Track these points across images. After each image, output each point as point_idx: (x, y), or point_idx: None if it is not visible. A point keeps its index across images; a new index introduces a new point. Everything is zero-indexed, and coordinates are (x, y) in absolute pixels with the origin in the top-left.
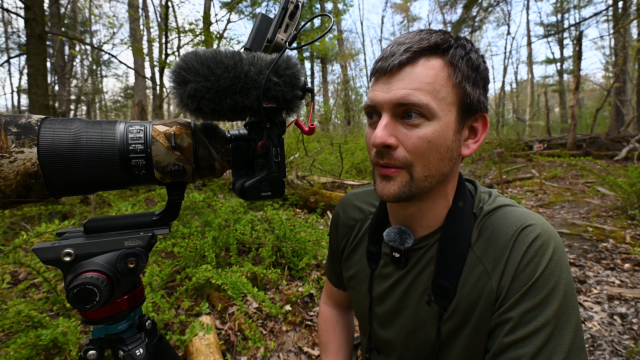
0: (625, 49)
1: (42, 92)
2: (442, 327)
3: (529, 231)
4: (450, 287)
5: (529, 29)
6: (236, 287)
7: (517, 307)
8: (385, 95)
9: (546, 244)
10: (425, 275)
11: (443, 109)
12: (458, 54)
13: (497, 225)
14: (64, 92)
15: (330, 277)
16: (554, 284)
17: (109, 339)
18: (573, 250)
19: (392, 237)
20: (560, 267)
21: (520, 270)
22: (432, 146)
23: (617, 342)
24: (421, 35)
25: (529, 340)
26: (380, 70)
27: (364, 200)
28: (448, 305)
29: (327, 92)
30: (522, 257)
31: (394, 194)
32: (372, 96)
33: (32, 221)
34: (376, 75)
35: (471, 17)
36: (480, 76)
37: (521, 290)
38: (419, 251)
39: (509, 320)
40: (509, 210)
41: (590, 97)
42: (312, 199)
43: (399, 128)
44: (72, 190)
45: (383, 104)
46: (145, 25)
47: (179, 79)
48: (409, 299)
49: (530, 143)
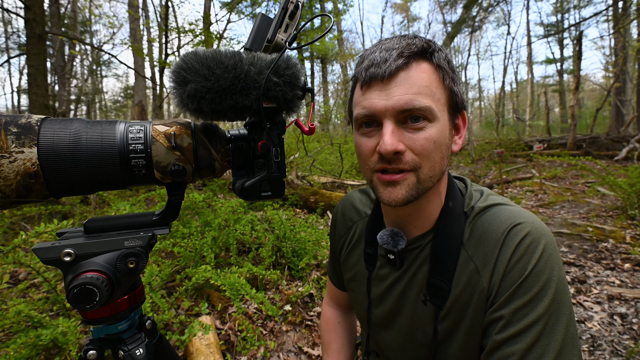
0: (625, 49)
1: (42, 92)
2: (438, 326)
3: (518, 229)
4: (444, 286)
5: (529, 29)
6: (234, 288)
7: (508, 305)
8: (387, 103)
9: (536, 241)
10: (421, 275)
11: (440, 110)
12: (441, 56)
13: (488, 224)
14: (64, 92)
15: (332, 278)
16: (545, 281)
17: (109, 339)
18: (573, 250)
19: (385, 240)
20: (551, 264)
21: (510, 268)
22: (437, 146)
23: (617, 342)
24: (407, 40)
25: (520, 337)
26: (375, 77)
27: (361, 201)
28: (443, 305)
29: (327, 92)
30: (511, 255)
31: (402, 198)
32: (369, 105)
33: (32, 221)
34: (369, 83)
35: (471, 17)
36: (457, 75)
37: (512, 288)
38: (414, 252)
39: (500, 318)
40: (500, 209)
41: (590, 97)
42: (312, 199)
43: (404, 133)
44: (72, 190)
45: (385, 112)
46: (145, 25)
47: (179, 79)
48: (407, 299)
49: (530, 143)
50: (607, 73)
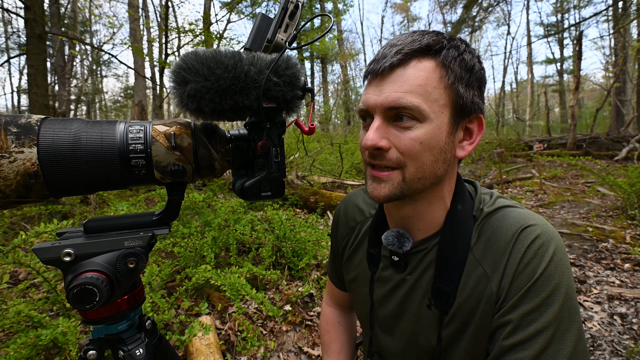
0: (625, 49)
1: (42, 92)
2: (442, 331)
3: (528, 232)
4: (450, 291)
5: (529, 29)
6: (234, 288)
7: (516, 310)
8: (377, 99)
9: (546, 244)
10: (425, 279)
11: (435, 111)
12: (451, 55)
13: (497, 226)
14: (64, 92)
15: (332, 278)
16: (555, 285)
17: (109, 339)
18: (573, 250)
19: (391, 241)
20: (562, 268)
21: (520, 271)
22: (425, 148)
23: (617, 342)
24: (413, 36)
25: (529, 343)
26: (372, 73)
27: (365, 200)
28: (448, 310)
29: (327, 92)
30: (521, 258)
31: (384, 195)
32: (365, 99)
33: (32, 221)
34: (369, 78)
35: (471, 17)
36: (475, 77)
37: (520, 292)
38: (418, 254)
39: (508, 323)
40: (509, 211)
41: (590, 97)
42: (312, 199)
43: (391, 130)
44: (72, 190)
45: (375, 107)
46: (145, 25)
47: (179, 79)
48: (410, 302)
49: (530, 143)
50: (607, 73)
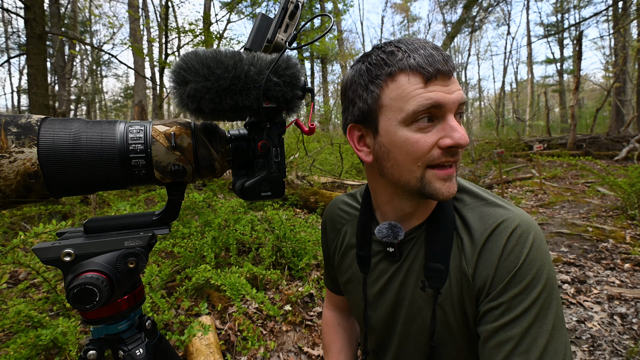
0: (625, 49)
1: (42, 92)
2: (437, 309)
3: (508, 223)
4: (442, 268)
5: (529, 29)
6: (235, 288)
7: (504, 294)
8: (451, 97)
9: (526, 233)
10: (418, 263)
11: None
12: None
13: (478, 216)
14: (64, 92)
15: (328, 284)
16: (538, 268)
17: (109, 339)
18: (573, 250)
19: (385, 233)
20: (542, 253)
21: (504, 259)
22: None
23: (617, 342)
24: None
25: (517, 321)
26: (443, 73)
27: (347, 203)
28: (441, 287)
29: (327, 92)
30: (504, 247)
31: (454, 190)
32: (438, 97)
33: (32, 221)
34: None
35: (471, 17)
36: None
37: (507, 278)
38: (410, 242)
39: (498, 307)
40: (487, 204)
41: (590, 97)
42: (312, 199)
43: None
44: (72, 190)
45: (451, 105)
46: (145, 25)
47: (179, 79)
48: (405, 289)
49: (530, 143)
50: (607, 73)
